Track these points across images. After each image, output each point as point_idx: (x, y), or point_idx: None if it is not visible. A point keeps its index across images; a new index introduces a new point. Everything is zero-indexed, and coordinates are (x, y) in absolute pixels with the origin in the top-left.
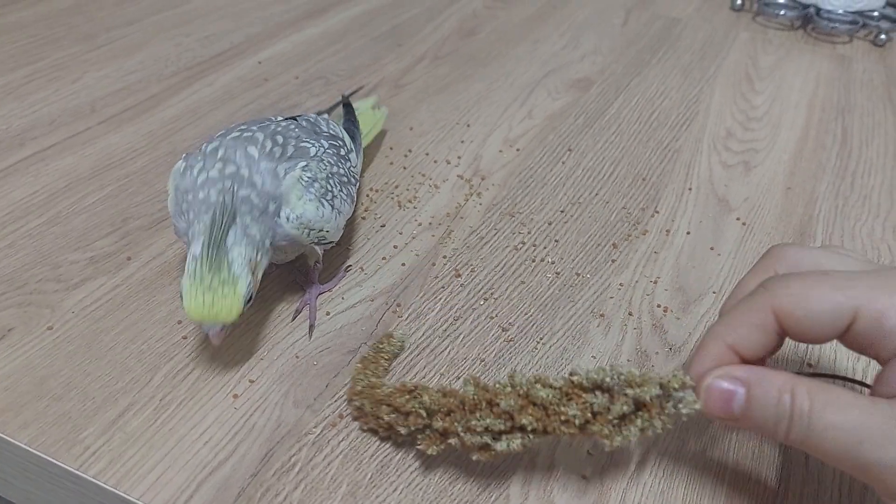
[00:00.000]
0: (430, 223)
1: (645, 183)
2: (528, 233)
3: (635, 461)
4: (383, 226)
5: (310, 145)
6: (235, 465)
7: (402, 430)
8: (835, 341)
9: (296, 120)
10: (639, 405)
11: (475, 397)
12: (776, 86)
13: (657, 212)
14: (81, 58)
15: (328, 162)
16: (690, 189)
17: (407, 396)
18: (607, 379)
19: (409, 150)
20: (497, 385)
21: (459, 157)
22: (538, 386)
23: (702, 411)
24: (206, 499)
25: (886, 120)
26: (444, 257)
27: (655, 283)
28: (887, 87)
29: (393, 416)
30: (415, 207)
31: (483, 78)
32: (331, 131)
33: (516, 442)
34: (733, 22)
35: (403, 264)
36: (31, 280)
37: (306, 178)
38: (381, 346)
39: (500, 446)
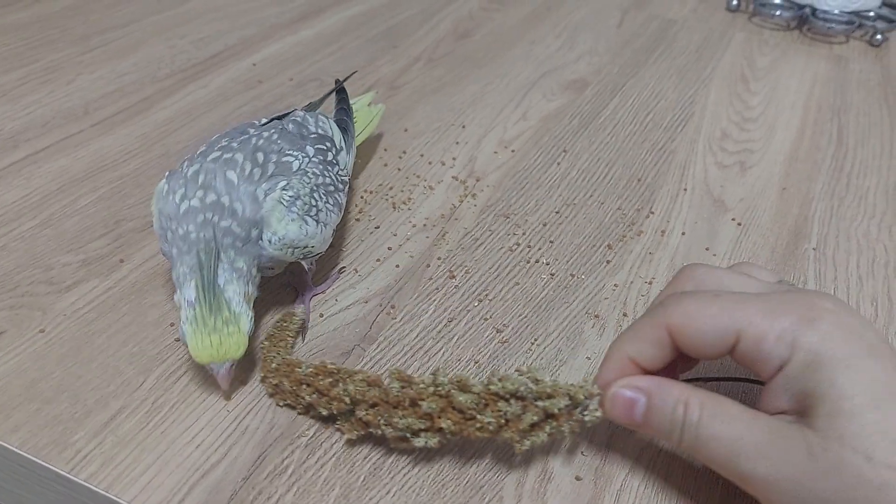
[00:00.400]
0: (424, 224)
1: (640, 184)
2: (523, 234)
3: (629, 463)
4: (377, 227)
5: (293, 158)
6: (227, 468)
7: (324, 412)
8: None
9: (282, 121)
10: (548, 414)
11: (399, 395)
12: (772, 86)
13: (652, 213)
14: (75, 60)
15: (312, 174)
16: (686, 190)
17: (330, 380)
18: (522, 389)
19: (404, 152)
20: (421, 383)
21: (454, 159)
22: (459, 390)
23: (607, 417)
24: (198, 502)
25: (882, 120)
26: (439, 259)
27: (650, 283)
28: (883, 88)
29: (314, 396)
30: (409, 209)
31: (478, 79)
32: (319, 131)
33: (434, 440)
34: (729, 23)
35: (397, 266)
36: (23, 282)
37: (287, 198)
38: (284, 324)
39: (419, 442)
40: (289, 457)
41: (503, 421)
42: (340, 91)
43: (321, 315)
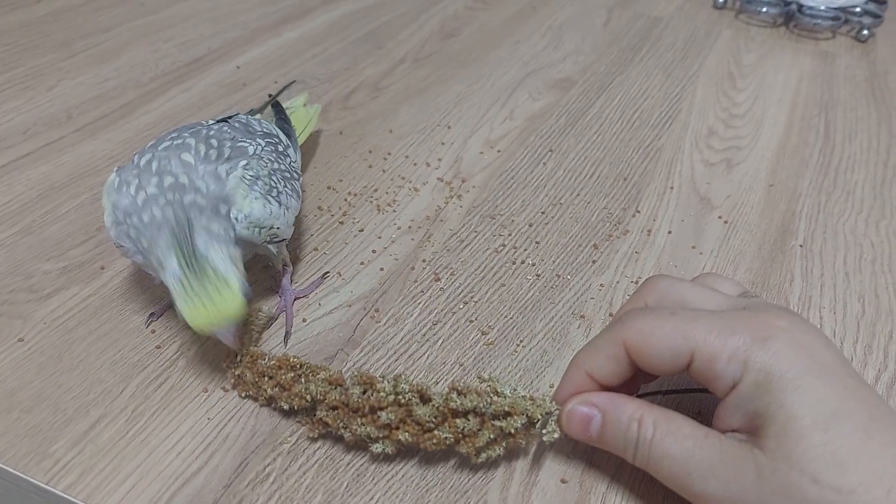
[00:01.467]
0: (409, 227)
1: (626, 183)
2: (509, 235)
3: (615, 464)
4: (362, 230)
5: (247, 144)
6: (209, 476)
7: (285, 406)
8: None
9: (227, 122)
10: (505, 433)
11: (359, 401)
12: (759, 83)
13: (638, 211)
14: (57, 65)
15: (268, 159)
16: (672, 188)
17: (292, 374)
18: (480, 405)
19: (389, 153)
20: (381, 391)
21: (440, 160)
22: (419, 402)
23: (564, 433)
24: None
25: (869, 115)
26: (424, 261)
27: (636, 283)
28: (870, 83)
29: (276, 390)
30: (394, 211)
31: (464, 79)
32: (264, 130)
33: (391, 447)
34: (716, 20)
35: (382, 269)
36: (2, 290)
37: (249, 177)
38: (249, 319)
39: (376, 448)
40: (271, 464)
41: (460, 436)
42: (276, 105)
43: (304, 320)
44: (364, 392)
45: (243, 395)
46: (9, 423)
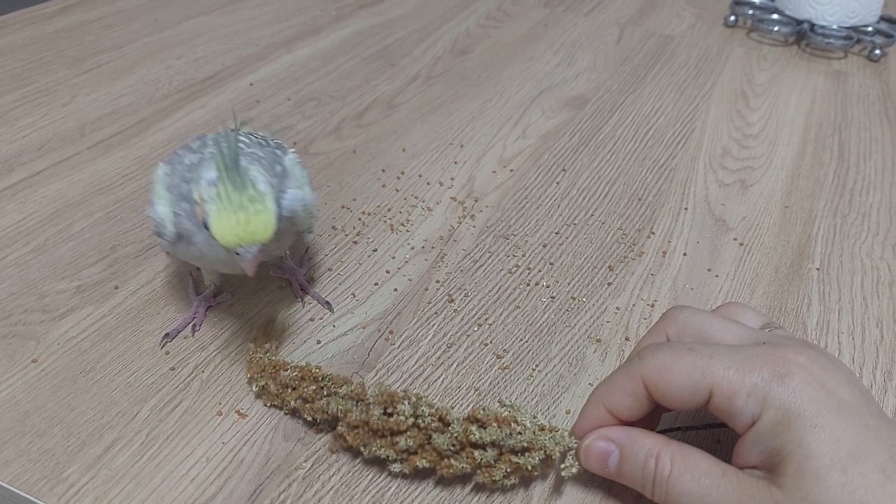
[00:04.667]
0: (422, 247)
1: (641, 203)
2: (523, 255)
3: (634, 495)
4: (375, 250)
5: (275, 147)
6: (223, 502)
7: (308, 418)
8: None
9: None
10: (522, 468)
11: (379, 422)
12: (772, 102)
13: (653, 233)
14: (71, 81)
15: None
16: (686, 209)
17: (314, 387)
18: (499, 439)
19: (402, 172)
20: (401, 413)
21: (453, 179)
22: (439, 427)
23: (583, 467)
24: None
25: (883, 135)
26: (438, 282)
27: (652, 306)
28: (883, 102)
29: (299, 402)
30: (407, 231)
31: (476, 97)
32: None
33: (409, 468)
34: (727, 38)
35: (396, 290)
36: (16, 310)
37: (300, 163)
38: (268, 328)
39: (395, 468)
40: (286, 490)
41: (477, 467)
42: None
43: (318, 342)
44: (385, 411)
45: (268, 404)
46: (22, 446)
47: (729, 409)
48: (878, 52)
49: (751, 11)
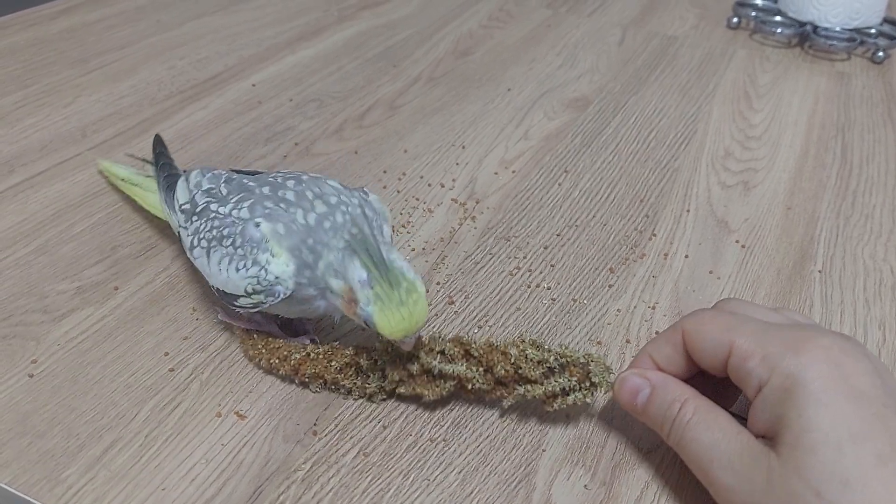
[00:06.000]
0: (423, 248)
1: (643, 204)
2: (524, 257)
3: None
4: None
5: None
6: None
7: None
8: None
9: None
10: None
11: (453, 349)
12: (775, 104)
13: (655, 234)
14: (73, 82)
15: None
16: (689, 211)
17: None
18: (550, 358)
19: (404, 174)
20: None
21: (454, 180)
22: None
23: (614, 398)
24: None
25: (887, 137)
26: (438, 283)
27: (654, 308)
28: (887, 104)
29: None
30: (408, 232)
31: (479, 98)
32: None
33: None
34: (730, 39)
35: None
36: (16, 311)
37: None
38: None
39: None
40: (285, 492)
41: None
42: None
43: (317, 343)
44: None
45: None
46: (21, 447)
47: (741, 370)
48: (881, 53)
49: (754, 13)
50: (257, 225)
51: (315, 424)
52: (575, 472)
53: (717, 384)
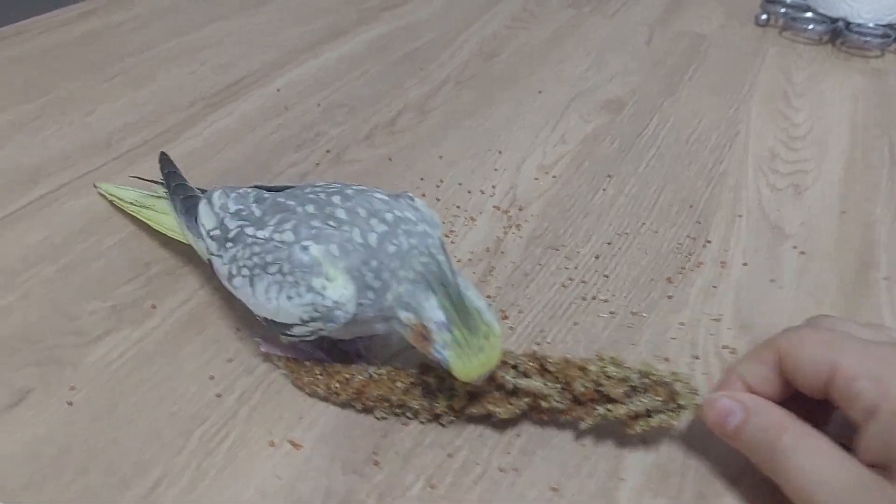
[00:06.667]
0: (469, 259)
1: (693, 210)
2: (576, 268)
3: None
4: None
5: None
6: None
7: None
8: None
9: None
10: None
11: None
12: (814, 103)
13: (709, 241)
14: (93, 89)
15: None
16: (741, 216)
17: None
18: (633, 377)
19: (441, 181)
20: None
21: (494, 187)
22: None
23: (702, 420)
24: None
25: None
26: (489, 297)
27: (718, 321)
28: None
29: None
30: (452, 242)
31: (510, 101)
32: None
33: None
34: (759, 37)
35: None
36: (48, 335)
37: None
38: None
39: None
40: None
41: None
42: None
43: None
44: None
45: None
46: (61, 485)
47: (847, 392)
48: None
49: (783, 10)
50: (305, 248)
51: (375, 453)
52: None
53: (807, 407)
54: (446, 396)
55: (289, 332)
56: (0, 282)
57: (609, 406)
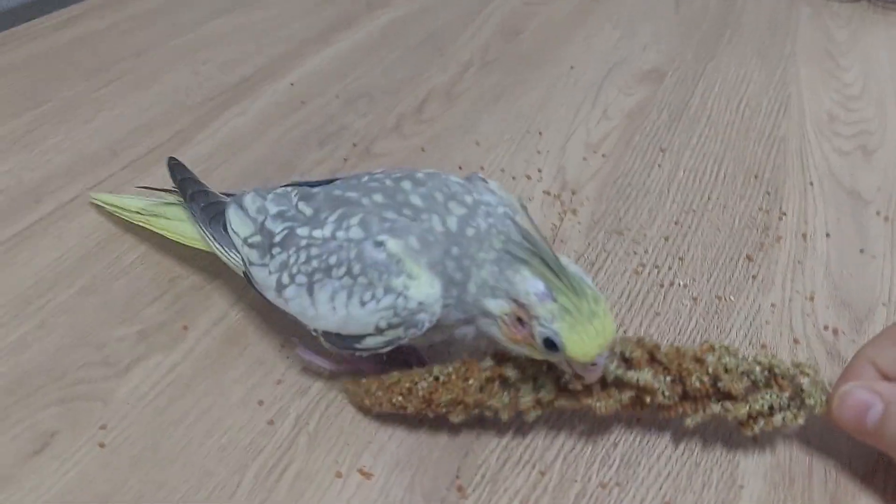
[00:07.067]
0: None
1: (759, 181)
2: (645, 252)
3: None
4: None
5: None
6: None
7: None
8: None
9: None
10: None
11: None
12: (862, 60)
13: (784, 213)
14: (91, 96)
15: None
16: (812, 184)
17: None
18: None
19: (482, 167)
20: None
21: (540, 171)
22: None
23: (833, 419)
24: None
25: None
26: None
27: (812, 299)
28: None
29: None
30: None
31: (541, 80)
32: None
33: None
34: None
35: None
36: (71, 367)
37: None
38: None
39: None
40: None
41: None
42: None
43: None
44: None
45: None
46: None
47: None
48: None
49: None
50: (379, 244)
51: (458, 477)
52: None
53: None
54: (530, 389)
55: (357, 346)
56: (11, 311)
57: (726, 403)
